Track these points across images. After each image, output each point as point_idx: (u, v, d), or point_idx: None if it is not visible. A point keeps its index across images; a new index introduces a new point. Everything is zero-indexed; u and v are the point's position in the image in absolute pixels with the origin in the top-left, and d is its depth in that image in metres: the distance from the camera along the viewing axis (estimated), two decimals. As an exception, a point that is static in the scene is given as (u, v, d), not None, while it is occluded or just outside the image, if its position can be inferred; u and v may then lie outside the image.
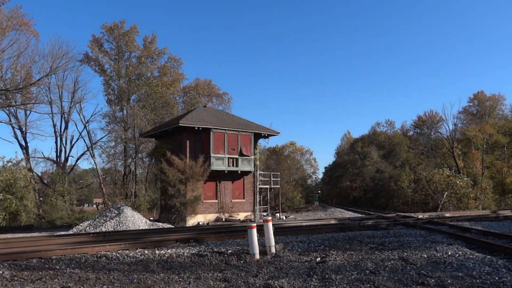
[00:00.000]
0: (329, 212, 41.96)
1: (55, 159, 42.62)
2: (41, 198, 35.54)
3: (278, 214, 31.65)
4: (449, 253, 9.76)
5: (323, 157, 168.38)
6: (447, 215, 23.59)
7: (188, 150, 26.68)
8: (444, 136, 59.64)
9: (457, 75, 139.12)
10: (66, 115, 42.80)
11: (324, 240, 12.67)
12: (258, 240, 10.05)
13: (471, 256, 9.28)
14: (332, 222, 20.50)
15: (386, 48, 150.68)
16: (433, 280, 7.09)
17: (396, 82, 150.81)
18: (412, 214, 24.87)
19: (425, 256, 9.53)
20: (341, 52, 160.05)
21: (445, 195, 37.73)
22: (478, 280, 7.05)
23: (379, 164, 66.51)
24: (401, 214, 25.91)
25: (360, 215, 30.91)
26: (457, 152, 53.29)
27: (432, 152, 66.63)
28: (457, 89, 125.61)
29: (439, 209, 35.86)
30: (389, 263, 8.80)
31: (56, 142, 42.75)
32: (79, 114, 61.56)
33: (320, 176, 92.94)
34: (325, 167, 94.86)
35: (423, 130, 74.29)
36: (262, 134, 30.19)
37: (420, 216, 22.42)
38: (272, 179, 32.22)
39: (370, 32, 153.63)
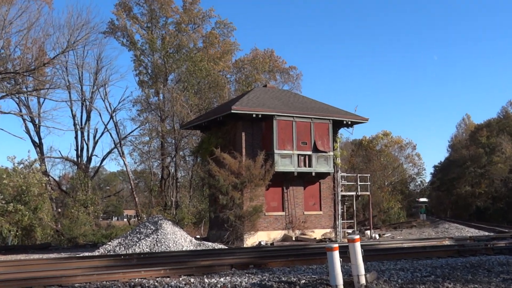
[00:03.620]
0: (442, 228, 41.09)
1: (75, 159, 44.82)
2: (59, 210, 37.67)
3: (368, 232, 31.37)
4: None
5: (430, 152, 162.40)
6: None
7: (243, 145, 27.02)
8: None
9: None
10: (87, 103, 44.90)
11: (435, 267, 12.40)
12: (342, 267, 9.96)
13: None
14: (447, 242, 20.16)
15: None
16: None
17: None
18: None
19: None
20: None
21: None
22: None
23: (514, 161, 63.55)
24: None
25: (487, 233, 30.01)
26: None
27: None
28: None
29: None
30: (533, 302, 8.38)
31: (76, 138, 45.03)
32: (103, 101, 64.01)
33: (427, 179, 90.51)
34: (434, 166, 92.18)
35: None
36: (344, 122, 29.88)
37: None
38: (359, 183, 31.99)
39: None
